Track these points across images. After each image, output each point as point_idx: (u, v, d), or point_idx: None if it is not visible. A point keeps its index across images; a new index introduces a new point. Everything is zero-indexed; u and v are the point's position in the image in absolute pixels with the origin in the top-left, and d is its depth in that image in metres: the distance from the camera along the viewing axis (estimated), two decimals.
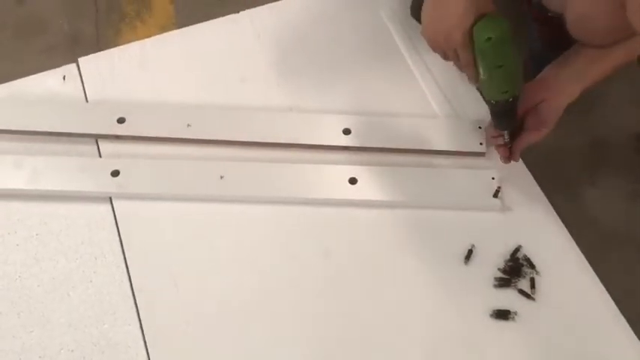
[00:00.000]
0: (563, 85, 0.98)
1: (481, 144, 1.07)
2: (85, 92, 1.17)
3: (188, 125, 1.10)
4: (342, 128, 1.10)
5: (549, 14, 1.08)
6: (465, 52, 0.92)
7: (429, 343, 0.94)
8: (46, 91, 1.18)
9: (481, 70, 0.92)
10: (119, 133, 1.10)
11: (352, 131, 1.10)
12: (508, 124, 1.00)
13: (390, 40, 1.22)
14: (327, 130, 1.10)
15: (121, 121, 1.10)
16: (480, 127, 1.09)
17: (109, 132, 1.10)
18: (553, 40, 1.04)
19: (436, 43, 0.95)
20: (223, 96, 1.16)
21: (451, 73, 1.10)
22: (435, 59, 1.05)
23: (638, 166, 1.12)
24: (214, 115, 1.12)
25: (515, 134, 1.02)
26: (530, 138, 1.01)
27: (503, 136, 1.01)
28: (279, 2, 1.27)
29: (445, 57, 0.98)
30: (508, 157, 1.03)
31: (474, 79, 0.96)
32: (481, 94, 1.00)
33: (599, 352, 0.93)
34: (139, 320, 0.95)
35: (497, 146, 1.04)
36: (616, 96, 1.09)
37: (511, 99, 0.94)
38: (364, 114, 1.12)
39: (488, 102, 0.98)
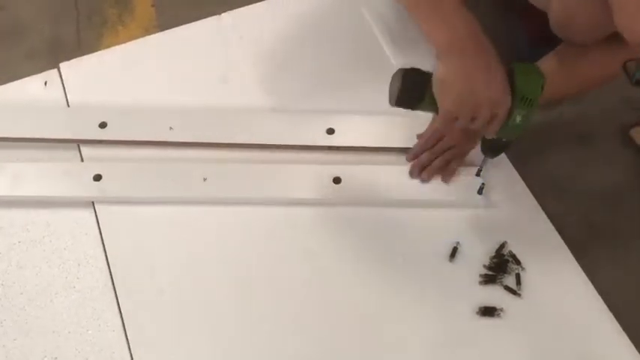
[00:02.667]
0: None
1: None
2: (66, 97, 1.17)
3: (170, 128, 1.09)
4: (326, 128, 1.10)
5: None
6: (507, 111, 0.86)
7: (416, 341, 0.93)
8: (28, 97, 1.17)
9: (519, 118, 0.86)
10: (101, 137, 1.09)
11: (336, 131, 1.09)
12: (499, 153, 0.98)
13: (373, 40, 1.22)
14: (310, 130, 1.10)
15: (102, 125, 1.10)
16: None
17: (90, 137, 1.09)
18: (538, 38, 1.03)
19: (470, 117, 0.87)
20: (206, 97, 1.15)
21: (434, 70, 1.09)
22: (417, 59, 1.05)
23: (623, 161, 1.12)
24: (197, 117, 1.12)
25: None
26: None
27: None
28: (261, 3, 1.26)
29: (466, 125, 0.89)
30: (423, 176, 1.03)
31: (495, 132, 0.89)
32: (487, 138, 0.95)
33: (585, 346, 0.93)
34: (123, 325, 0.95)
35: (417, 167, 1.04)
36: (601, 90, 1.09)
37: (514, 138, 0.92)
38: (347, 113, 1.12)
39: (497, 140, 0.92)
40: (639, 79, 0.79)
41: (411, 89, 0.89)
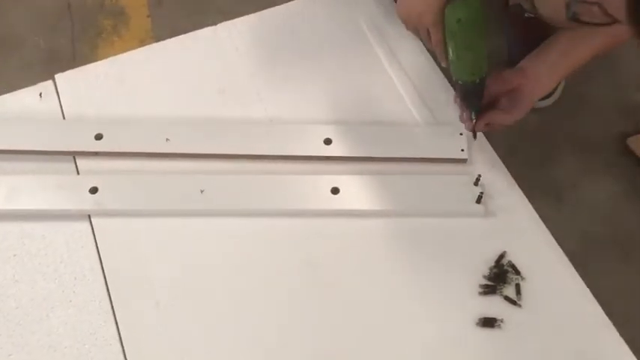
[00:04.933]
0: (539, 77, 1.02)
1: (462, 150, 1.07)
2: (62, 109, 1.16)
3: (167, 140, 1.09)
4: (324, 138, 1.09)
5: (525, 15, 1.08)
6: (435, 32, 0.97)
7: (416, 352, 0.92)
8: (23, 109, 1.16)
9: (450, 51, 0.94)
10: (97, 149, 1.08)
11: (333, 141, 1.09)
12: (474, 103, 1.02)
13: (369, 49, 1.22)
14: (308, 141, 1.09)
15: (98, 137, 1.09)
16: (460, 134, 1.08)
17: (86, 149, 1.09)
18: (530, 41, 1.04)
19: (409, 22, 1.02)
20: (202, 109, 1.15)
21: (431, 80, 1.09)
22: (414, 69, 1.05)
23: (621, 169, 1.12)
24: (193, 128, 1.11)
25: (482, 113, 1.03)
26: (497, 117, 1.03)
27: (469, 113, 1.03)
28: (257, 14, 1.26)
29: (418, 36, 1.05)
30: (473, 130, 1.04)
31: (443, 59, 1.00)
32: (449, 81, 1.02)
33: (586, 356, 0.92)
34: (120, 340, 0.94)
35: (464, 121, 1.06)
36: (600, 99, 1.09)
37: (478, 80, 0.97)
38: (345, 123, 1.12)
39: (456, 82, 1.00)
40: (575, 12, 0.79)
41: None
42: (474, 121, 1.03)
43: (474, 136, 1.05)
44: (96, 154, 1.09)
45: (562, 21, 0.92)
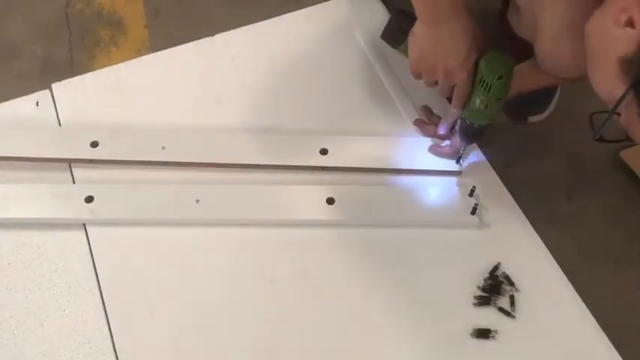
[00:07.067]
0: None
1: (457, 163, 1.07)
2: (58, 118, 1.16)
3: (163, 148, 1.09)
4: (320, 148, 1.10)
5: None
6: (465, 87, 0.96)
7: None
8: (20, 118, 1.16)
9: (478, 101, 0.96)
10: (93, 157, 1.08)
11: (329, 151, 1.09)
12: (473, 140, 1.05)
13: (366, 61, 1.22)
14: (304, 151, 1.10)
15: (94, 144, 1.09)
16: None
17: (82, 156, 1.09)
18: (523, 53, 1.05)
19: (430, 77, 0.99)
20: (198, 118, 1.15)
21: (426, 94, 1.10)
22: (409, 81, 1.06)
23: (615, 182, 1.13)
24: (189, 137, 1.12)
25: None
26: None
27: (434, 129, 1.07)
28: (253, 26, 1.27)
29: (430, 86, 1.01)
30: (459, 158, 1.06)
31: (462, 107, 1.00)
32: (460, 117, 1.02)
33: None
34: (114, 349, 0.93)
35: (452, 148, 1.07)
36: (592, 111, 1.10)
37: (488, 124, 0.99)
38: (341, 134, 1.12)
39: (469, 124, 1.00)
40: (603, 136, 0.82)
41: (397, 29, 1.00)
42: (461, 153, 1.06)
43: (458, 162, 1.07)
44: (92, 161, 1.09)
45: (560, 78, 0.98)
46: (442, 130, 1.08)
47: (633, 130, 0.79)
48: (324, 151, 1.09)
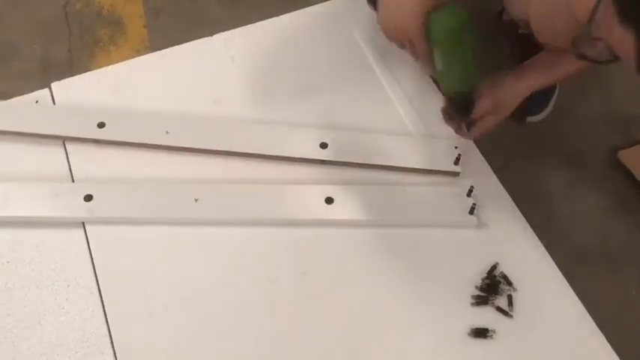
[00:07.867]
0: (526, 75, 1.01)
1: (455, 163, 1.07)
2: None
3: (167, 132, 1.10)
4: (319, 142, 1.10)
5: (520, 31, 1.10)
6: (420, 42, 0.93)
7: None
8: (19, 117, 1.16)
9: (436, 59, 0.91)
10: (98, 137, 1.09)
11: (329, 145, 1.09)
12: (464, 114, 1.01)
13: (363, 60, 1.23)
14: (304, 143, 1.10)
15: (101, 125, 1.09)
16: (456, 147, 1.09)
17: (88, 136, 1.09)
18: (525, 56, 1.05)
19: (391, 33, 0.98)
20: (198, 119, 1.15)
21: (424, 91, 1.10)
22: (407, 78, 1.06)
23: (612, 182, 1.13)
24: (193, 123, 1.12)
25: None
26: (485, 121, 1.03)
27: (459, 123, 1.02)
28: (252, 25, 1.27)
29: (401, 46, 1.00)
30: (463, 135, 1.04)
31: (430, 69, 0.97)
32: (437, 85, 1.00)
33: None
34: (113, 348, 0.93)
35: (459, 133, 1.05)
36: (591, 113, 1.10)
37: (468, 90, 0.95)
38: (341, 131, 1.12)
39: (446, 92, 0.98)
40: (585, 53, 0.80)
41: None
42: (464, 129, 1.03)
43: (456, 162, 1.04)
44: (96, 141, 1.09)
45: (558, 46, 0.93)
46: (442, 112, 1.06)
47: (615, 40, 0.75)
48: (323, 145, 1.10)
